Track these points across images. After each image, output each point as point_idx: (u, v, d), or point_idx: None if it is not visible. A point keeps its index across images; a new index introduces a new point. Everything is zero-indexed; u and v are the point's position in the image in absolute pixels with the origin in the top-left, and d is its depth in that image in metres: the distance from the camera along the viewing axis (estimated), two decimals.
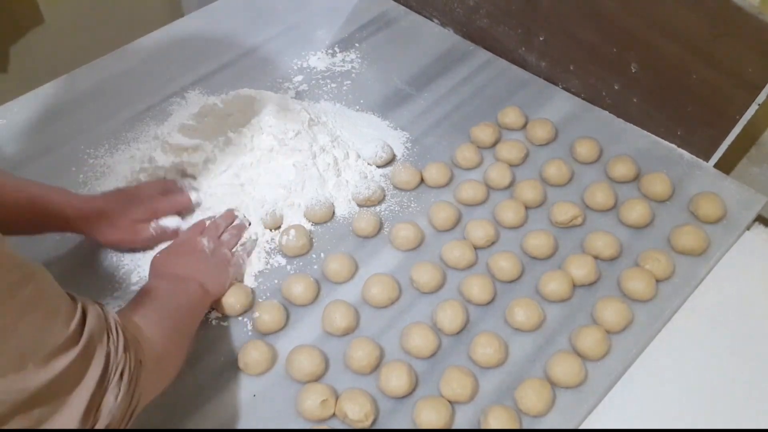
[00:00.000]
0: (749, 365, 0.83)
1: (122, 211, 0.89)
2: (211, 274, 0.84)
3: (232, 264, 0.88)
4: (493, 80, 1.19)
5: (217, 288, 0.84)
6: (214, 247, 0.87)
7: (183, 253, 0.86)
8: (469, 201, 1.00)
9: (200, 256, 0.86)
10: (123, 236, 0.89)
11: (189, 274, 0.82)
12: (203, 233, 0.89)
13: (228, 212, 0.94)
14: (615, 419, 0.79)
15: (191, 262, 0.84)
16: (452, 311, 0.85)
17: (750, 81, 0.93)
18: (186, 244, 0.88)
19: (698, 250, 0.92)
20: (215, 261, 0.86)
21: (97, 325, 0.57)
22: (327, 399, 0.77)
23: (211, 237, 0.88)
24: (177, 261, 0.84)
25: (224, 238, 0.90)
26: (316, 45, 1.25)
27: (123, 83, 1.18)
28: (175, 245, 0.88)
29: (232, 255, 0.89)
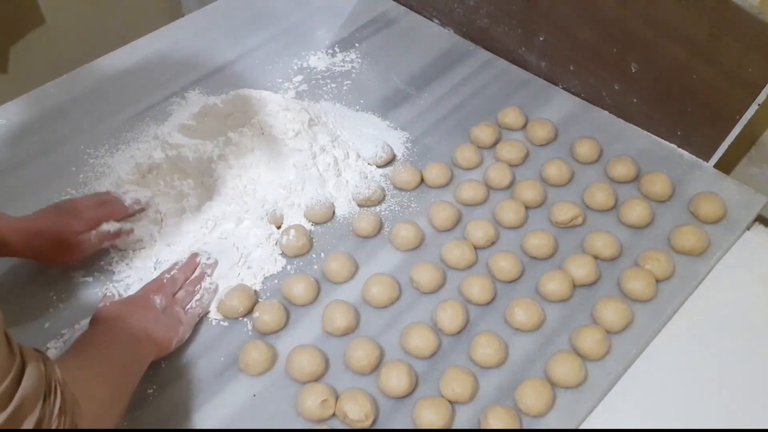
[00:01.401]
0: (749, 365, 0.83)
1: (61, 226, 0.86)
2: (159, 329, 0.80)
3: (183, 323, 0.83)
4: (493, 80, 1.19)
5: (162, 341, 0.80)
6: (166, 305, 0.83)
7: (132, 310, 0.80)
8: (469, 201, 1.00)
9: (149, 311, 0.81)
10: (67, 252, 0.87)
11: (135, 325, 0.77)
12: (157, 291, 0.84)
13: (190, 260, 0.90)
14: (615, 419, 0.79)
15: (139, 314, 0.79)
16: (452, 311, 0.85)
17: (750, 81, 0.93)
18: (137, 301, 0.82)
19: (698, 250, 0.92)
20: (165, 319, 0.81)
21: (34, 387, 0.52)
22: (327, 399, 0.77)
23: (164, 294, 0.83)
24: (125, 311, 0.79)
25: (179, 295, 0.85)
26: (316, 45, 1.25)
27: (123, 83, 1.18)
28: (126, 301, 0.83)
29: (185, 314, 0.84)
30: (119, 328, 0.77)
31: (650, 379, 0.82)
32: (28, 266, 0.92)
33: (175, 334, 0.82)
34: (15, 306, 0.88)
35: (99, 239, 0.89)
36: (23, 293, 0.90)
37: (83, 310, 0.87)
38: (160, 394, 0.80)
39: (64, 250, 0.87)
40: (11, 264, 0.92)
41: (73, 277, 0.91)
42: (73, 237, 0.87)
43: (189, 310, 0.85)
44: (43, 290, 0.90)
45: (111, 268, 0.92)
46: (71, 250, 0.87)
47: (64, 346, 0.84)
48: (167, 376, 0.82)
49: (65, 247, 0.87)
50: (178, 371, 0.82)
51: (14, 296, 0.89)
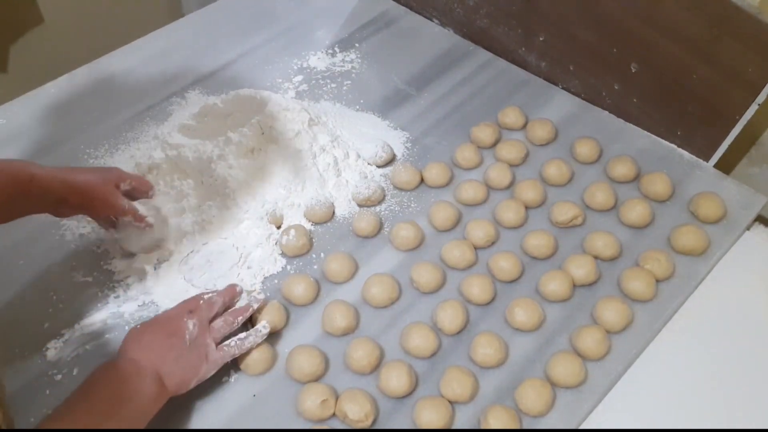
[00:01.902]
0: (749, 365, 0.83)
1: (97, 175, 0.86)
2: (178, 369, 0.75)
3: (210, 361, 0.77)
4: (493, 80, 1.19)
5: (177, 386, 0.75)
6: (197, 335, 0.77)
7: (160, 333, 0.76)
8: (469, 201, 1.00)
9: (175, 342, 0.75)
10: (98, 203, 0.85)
11: (153, 363, 0.73)
12: (192, 313, 0.78)
13: (230, 288, 0.84)
14: (615, 419, 0.79)
15: (163, 347, 0.75)
16: (452, 311, 0.85)
17: (750, 81, 0.93)
18: (168, 323, 0.78)
19: (698, 250, 0.92)
20: (189, 353, 0.76)
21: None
22: (327, 399, 0.77)
23: (199, 320, 0.78)
24: (150, 339, 0.75)
25: (215, 324, 0.80)
26: (316, 45, 1.25)
27: (123, 83, 1.18)
28: (157, 321, 0.79)
29: (217, 349, 0.78)
30: (131, 373, 0.72)
31: (650, 379, 0.82)
32: (28, 266, 0.92)
33: (194, 374, 0.76)
34: (15, 306, 0.88)
35: (128, 205, 0.87)
36: (23, 293, 0.90)
37: (83, 310, 0.87)
38: None
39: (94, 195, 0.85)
40: (11, 264, 0.92)
41: (73, 277, 0.91)
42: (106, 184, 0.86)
43: (225, 347, 0.79)
44: (43, 290, 0.90)
45: (111, 268, 0.92)
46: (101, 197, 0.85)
47: (64, 346, 0.84)
48: None
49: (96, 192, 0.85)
50: None
51: (14, 296, 0.89)
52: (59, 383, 0.81)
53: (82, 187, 0.84)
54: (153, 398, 0.72)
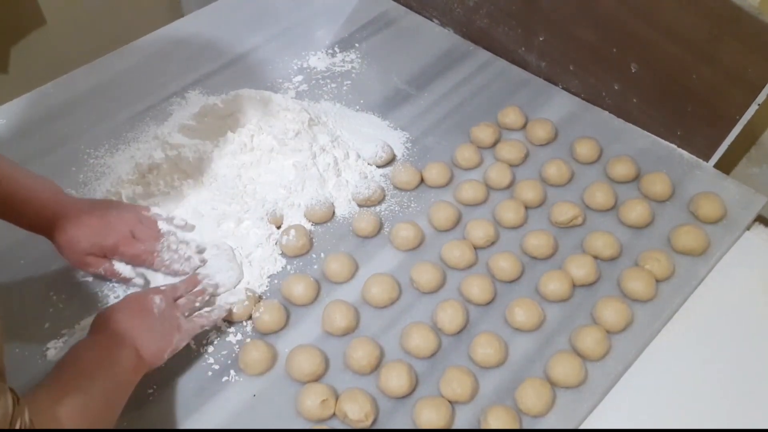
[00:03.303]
0: (749, 365, 0.83)
1: (81, 239, 0.85)
2: (152, 339, 0.77)
3: (182, 330, 0.80)
4: (493, 80, 1.19)
5: (153, 356, 0.77)
6: (164, 309, 0.80)
7: (129, 311, 0.79)
8: (469, 201, 1.00)
9: (146, 315, 0.78)
10: (73, 258, 0.86)
11: (128, 335, 0.75)
12: (157, 292, 0.82)
13: (191, 278, 0.88)
14: (615, 419, 0.79)
15: (134, 321, 0.77)
16: (452, 311, 0.85)
17: (750, 81, 0.93)
18: (135, 301, 0.81)
19: (698, 250, 0.92)
20: (161, 324, 0.79)
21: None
22: (327, 399, 0.77)
23: (165, 297, 0.81)
24: (120, 317, 0.77)
25: (180, 301, 0.83)
26: (316, 45, 1.25)
27: (123, 83, 1.18)
28: (125, 301, 0.81)
29: (186, 320, 0.82)
30: (107, 343, 0.74)
31: (650, 379, 0.82)
32: (28, 266, 0.92)
33: (168, 344, 0.79)
34: (15, 306, 0.88)
35: (105, 272, 0.88)
36: (23, 293, 0.90)
37: (83, 310, 0.88)
38: (160, 394, 0.80)
39: (71, 255, 0.86)
40: (11, 264, 0.92)
41: (73, 277, 0.91)
42: (85, 253, 0.85)
43: (194, 318, 0.83)
44: (43, 290, 0.90)
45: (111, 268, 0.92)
46: (77, 259, 0.86)
47: (64, 346, 0.84)
48: (167, 376, 0.82)
49: (73, 255, 0.86)
50: (178, 371, 0.82)
51: (14, 296, 0.90)
52: None
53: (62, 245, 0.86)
54: (132, 368, 0.75)
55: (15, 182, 0.83)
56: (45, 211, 0.84)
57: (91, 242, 0.85)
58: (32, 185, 0.85)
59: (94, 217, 0.86)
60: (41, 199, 0.85)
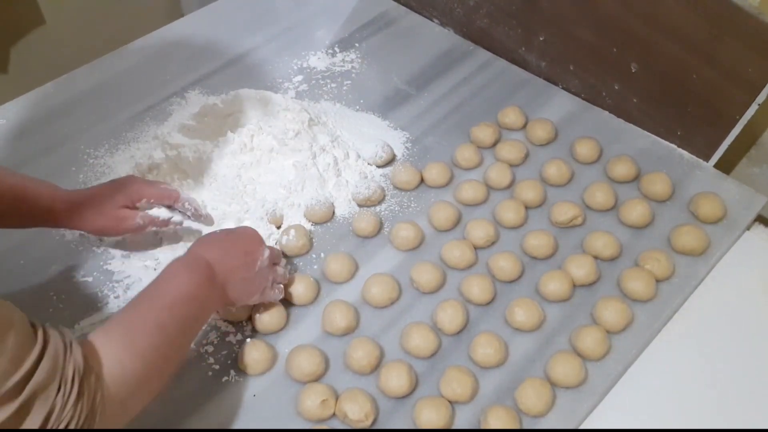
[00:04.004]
0: (749, 365, 0.83)
1: (106, 199, 0.86)
2: (240, 289, 0.79)
3: (264, 295, 0.83)
4: (493, 80, 1.19)
5: (235, 301, 0.79)
6: (264, 268, 0.81)
7: (238, 246, 0.80)
8: (469, 201, 1.00)
9: (248, 264, 0.79)
10: (107, 223, 0.86)
11: (222, 275, 0.76)
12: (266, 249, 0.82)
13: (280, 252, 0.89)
14: (615, 419, 0.79)
15: (237, 262, 0.78)
16: (452, 311, 0.85)
17: (750, 81, 0.93)
18: (247, 241, 0.81)
19: (698, 250, 0.92)
20: (254, 280, 0.80)
21: (46, 378, 0.53)
22: (327, 399, 0.77)
23: (270, 258, 0.82)
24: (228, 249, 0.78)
25: (278, 270, 0.85)
26: (316, 45, 1.25)
27: (123, 83, 1.18)
28: (237, 234, 0.82)
29: (271, 288, 0.84)
30: (201, 278, 0.73)
31: (650, 379, 0.82)
32: (27, 266, 0.92)
33: (249, 298, 0.81)
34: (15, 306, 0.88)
35: (144, 220, 0.87)
36: (23, 293, 0.89)
37: (83, 310, 0.87)
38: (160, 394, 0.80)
39: (104, 221, 0.86)
40: (11, 264, 0.92)
41: (73, 277, 0.91)
42: (113, 209, 0.86)
43: (276, 289, 0.85)
44: (43, 290, 0.90)
45: (111, 268, 0.92)
46: (112, 222, 0.86)
47: None
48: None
49: (105, 218, 0.86)
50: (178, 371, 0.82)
51: (14, 296, 0.89)
52: None
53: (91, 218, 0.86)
54: (216, 304, 0.78)
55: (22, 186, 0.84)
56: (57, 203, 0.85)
57: (114, 197, 0.86)
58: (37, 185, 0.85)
59: (105, 184, 0.89)
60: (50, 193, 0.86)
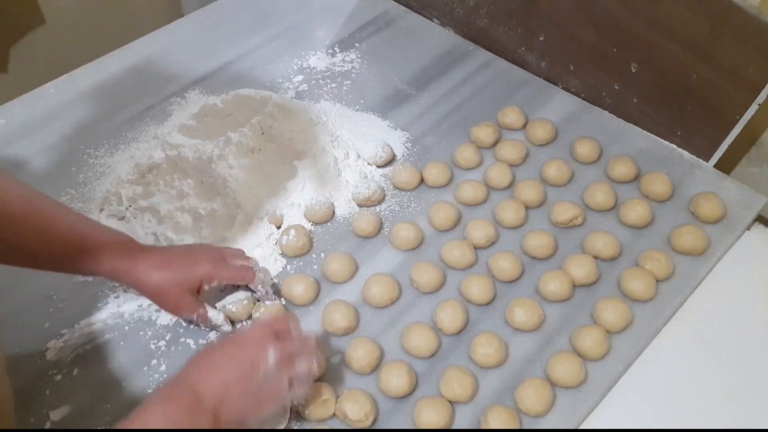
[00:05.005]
0: (749, 365, 0.83)
1: (174, 281, 0.79)
2: (238, 407, 0.66)
3: (279, 400, 0.70)
4: (493, 80, 1.19)
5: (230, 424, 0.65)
6: (276, 370, 0.67)
7: (234, 356, 0.68)
8: (469, 201, 1.00)
9: (251, 372, 0.67)
10: (164, 302, 0.82)
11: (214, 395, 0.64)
12: (279, 337, 0.70)
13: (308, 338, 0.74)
14: (615, 419, 0.79)
15: (233, 372, 0.66)
16: (452, 311, 0.85)
17: (750, 81, 0.93)
18: (248, 346, 0.69)
19: (698, 250, 0.92)
20: (259, 389, 0.67)
21: None
22: (327, 399, 0.77)
23: (283, 354, 0.69)
24: (219, 363, 0.67)
25: (299, 365, 0.70)
26: (316, 45, 1.25)
27: (123, 83, 1.18)
28: (235, 340, 0.72)
29: (288, 392, 0.69)
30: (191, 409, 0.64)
31: (650, 379, 0.82)
32: None
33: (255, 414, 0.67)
34: (15, 306, 0.88)
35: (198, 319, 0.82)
36: (23, 293, 0.90)
37: (83, 310, 0.88)
38: None
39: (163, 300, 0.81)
40: None
41: (74, 277, 0.91)
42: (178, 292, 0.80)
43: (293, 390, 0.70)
44: (43, 290, 0.90)
45: None
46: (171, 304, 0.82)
47: (64, 346, 0.84)
48: (168, 376, 0.82)
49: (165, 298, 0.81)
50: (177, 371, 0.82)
51: (14, 296, 0.89)
52: (59, 383, 0.81)
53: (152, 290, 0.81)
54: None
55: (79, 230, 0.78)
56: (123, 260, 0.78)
57: (184, 281, 0.79)
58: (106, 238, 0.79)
59: (177, 252, 0.83)
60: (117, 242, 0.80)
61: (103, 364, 0.83)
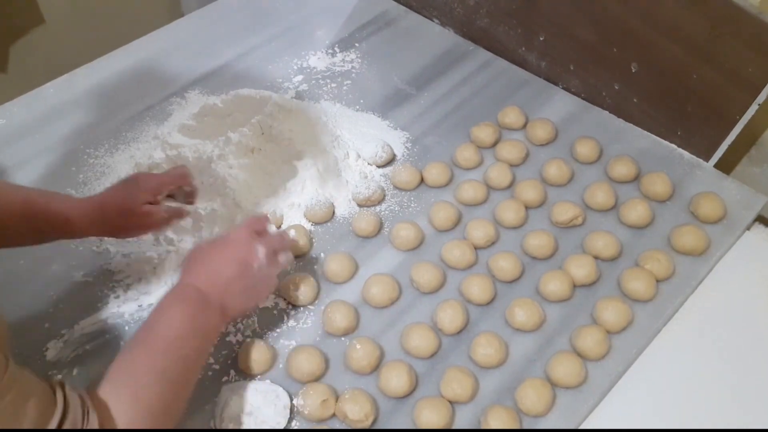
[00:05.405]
0: (749, 365, 0.83)
1: (124, 198, 0.83)
2: (241, 300, 0.75)
3: (272, 290, 0.80)
4: (493, 80, 1.19)
5: (237, 314, 0.77)
6: (265, 266, 0.76)
7: (229, 257, 0.75)
8: (469, 201, 1.00)
9: (244, 272, 0.75)
10: (133, 225, 0.84)
11: (217, 293, 0.72)
12: (260, 236, 0.78)
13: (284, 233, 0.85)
14: (615, 419, 0.79)
15: (231, 276, 0.74)
16: (452, 311, 0.85)
17: (750, 81, 0.93)
18: (238, 246, 0.76)
19: (698, 250, 0.92)
20: (256, 283, 0.76)
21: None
22: (327, 399, 0.77)
23: (269, 250, 0.77)
24: (218, 266, 0.74)
25: (281, 258, 0.80)
26: (316, 45, 1.25)
27: (123, 83, 1.18)
28: (225, 242, 0.77)
29: (277, 281, 0.80)
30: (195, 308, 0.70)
31: (650, 379, 0.82)
32: (28, 266, 0.92)
33: (255, 303, 0.79)
34: (15, 306, 0.88)
35: (168, 213, 0.86)
36: (23, 293, 0.90)
37: (83, 310, 0.88)
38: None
39: (130, 220, 0.83)
40: (11, 264, 0.92)
41: (74, 277, 0.91)
42: (138, 206, 0.82)
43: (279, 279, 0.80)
44: (43, 290, 0.90)
45: (111, 268, 0.92)
46: (138, 220, 0.83)
47: (64, 346, 0.84)
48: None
49: (131, 218, 0.83)
50: None
51: (14, 296, 0.89)
52: None
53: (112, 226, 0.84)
54: (218, 326, 0.74)
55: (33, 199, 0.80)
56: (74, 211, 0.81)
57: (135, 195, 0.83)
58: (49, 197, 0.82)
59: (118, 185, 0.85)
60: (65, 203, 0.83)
61: (103, 364, 0.83)
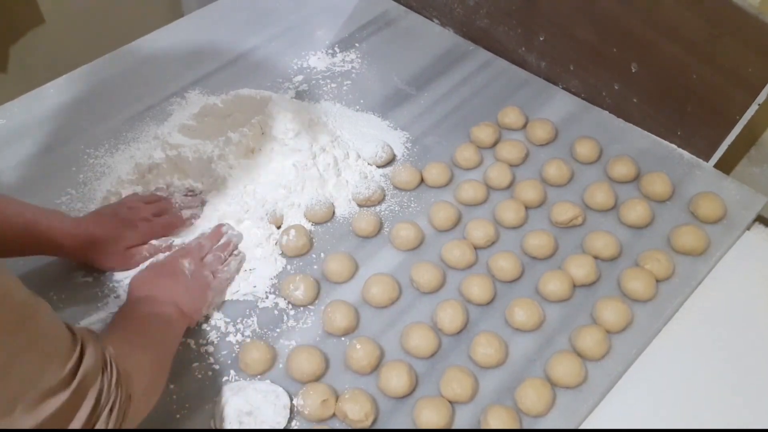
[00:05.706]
0: (749, 365, 0.83)
1: (116, 239, 0.88)
2: (189, 298, 0.83)
3: (212, 288, 0.86)
4: (493, 80, 1.19)
5: (193, 312, 0.83)
6: (194, 270, 0.85)
7: (162, 275, 0.84)
8: (469, 201, 1.00)
9: (179, 279, 0.83)
10: (117, 262, 0.90)
11: (167, 295, 0.81)
12: (185, 255, 0.87)
13: (216, 230, 0.92)
14: (615, 419, 0.79)
15: (169, 284, 0.82)
16: (452, 311, 0.85)
17: (750, 81, 0.93)
18: (166, 266, 0.86)
19: (698, 250, 0.92)
20: (194, 284, 0.84)
21: (94, 364, 0.57)
22: (327, 399, 0.77)
23: (192, 259, 0.86)
24: (155, 283, 0.83)
25: (207, 260, 0.88)
26: (316, 45, 1.25)
27: (123, 83, 1.18)
28: (155, 267, 0.87)
29: (214, 278, 0.87)
30: (151, 302, 0.79)
31: (650, 379, 0.82)
32: (28, 266, 0.92)
33: (203, 302, 0.84)
34: None
35: (150, 253, 0.91)
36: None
37: (83, 310, 0.87)
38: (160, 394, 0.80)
39: (115, 260, 0.89)
40: (10, 264, 0.92)
41: (74, 277, 0.91)
42: (126, 250, 0.89)
43: (218, 276, 0.87)
44: (43, 290, 0.89)
45: None
46: (122, 261, 0.90)
47: None
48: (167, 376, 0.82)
49: (116, 258, 0.89)
50: (178, 371, 0.82)
51: None
52: None
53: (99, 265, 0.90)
54: (177, 321, 0.79)
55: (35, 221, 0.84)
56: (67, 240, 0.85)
57: (120, 239, 0.88)
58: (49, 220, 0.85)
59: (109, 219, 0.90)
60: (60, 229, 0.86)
61: None
